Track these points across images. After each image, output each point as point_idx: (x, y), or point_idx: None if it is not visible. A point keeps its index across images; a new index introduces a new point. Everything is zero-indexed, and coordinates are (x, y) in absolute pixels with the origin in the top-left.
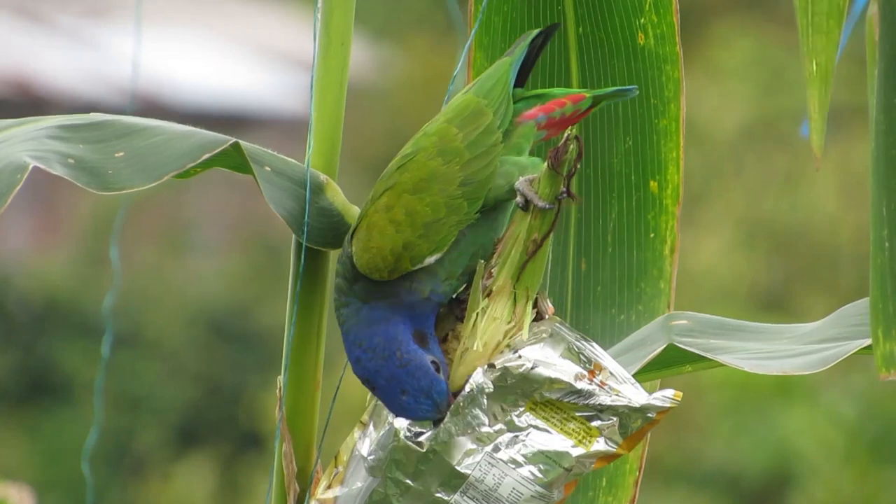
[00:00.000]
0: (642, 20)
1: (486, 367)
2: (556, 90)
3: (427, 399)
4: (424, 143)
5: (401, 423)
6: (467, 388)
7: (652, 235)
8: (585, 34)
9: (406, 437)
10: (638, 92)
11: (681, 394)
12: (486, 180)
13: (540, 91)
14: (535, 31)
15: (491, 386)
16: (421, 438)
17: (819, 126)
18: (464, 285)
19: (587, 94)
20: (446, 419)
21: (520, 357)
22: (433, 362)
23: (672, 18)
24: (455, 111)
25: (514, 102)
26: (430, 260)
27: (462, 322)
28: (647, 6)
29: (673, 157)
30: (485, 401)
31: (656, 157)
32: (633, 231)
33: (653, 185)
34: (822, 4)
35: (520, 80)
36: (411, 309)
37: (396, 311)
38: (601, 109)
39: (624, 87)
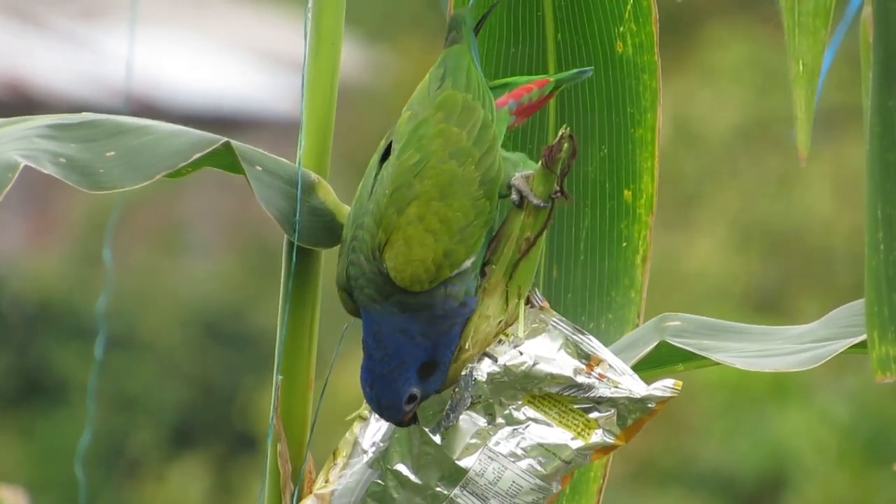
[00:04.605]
0: (621, 28)
1: (483, 357)
2: (519, 78)
3: (376, 407)
4: (432, 148)
5: None
6: (464, 372)
7: (624, 244)
8: (564, 40)
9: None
10: (592, 71)
11: (680, 383)
12: (496, 176)
13: (504, 80)
14: (465, 12)
15: (485, 376)
16: (427, 430)
17: (805, 126)
18: None
19: (551, 78)
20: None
21: (521, 354)
22: (412, 395)
23: (651, 28)
24: (446, 110)
25: None
26: (467, 264)
27: None
28: (627, 15)
29: (648, 166)
30: (486, 388)
31: (631, 166)
32: (605, 239)
33: (627, 193)
34: (808, 4)
35: None
36: (444, 322)
37: (428, 330)
38: (578, 118)
39: (581, 69)
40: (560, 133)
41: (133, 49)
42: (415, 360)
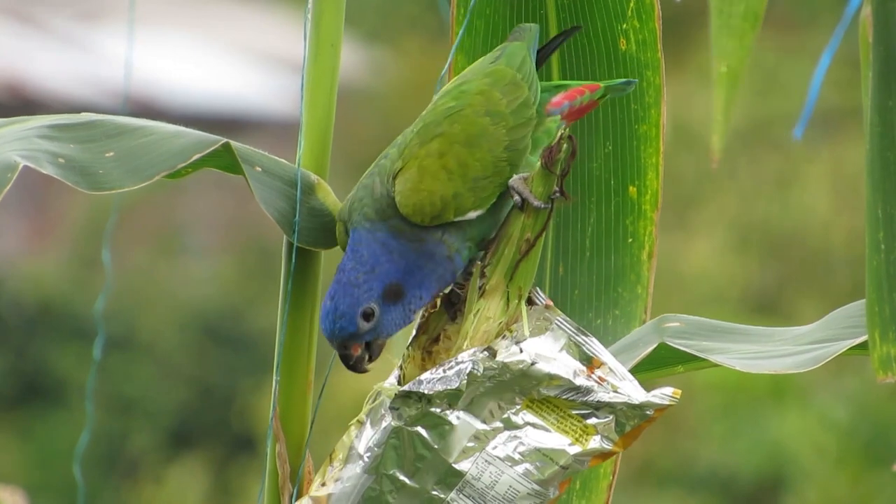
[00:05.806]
0: (624, 26)
1: (482, 349)
2: (571, 81)
3: (329, 319)
4: (470, 100)
5: (399, 422)
6: (458, 358)
7: (630, 240)
8: (567, 39)
9: (406, 432)
10: (636, 83)
11: (679, 391)
12: (523, 150)
13: (558, 82)
14: (532, 25)
15: (481, 368)
16: (420, 430)
17: (722, 128)
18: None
19: (601, 84)
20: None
21: (521, 352)
22: (369, 309)
23: (654, 25)
24: (493, 77)
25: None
26: (472, 215)
27: (454, 322)
28: (630, 12)
29: (652, 162)
30: (478, 379)
31: (636, 162)
32: (611, 236)
33: (632, 190)
34: (738, 6)
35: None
36: (427, 263)
37: (410, 257)
38: None
39: (628, 80)
40: (559, 134)
41: (132, 50)
42: (385, 275)
